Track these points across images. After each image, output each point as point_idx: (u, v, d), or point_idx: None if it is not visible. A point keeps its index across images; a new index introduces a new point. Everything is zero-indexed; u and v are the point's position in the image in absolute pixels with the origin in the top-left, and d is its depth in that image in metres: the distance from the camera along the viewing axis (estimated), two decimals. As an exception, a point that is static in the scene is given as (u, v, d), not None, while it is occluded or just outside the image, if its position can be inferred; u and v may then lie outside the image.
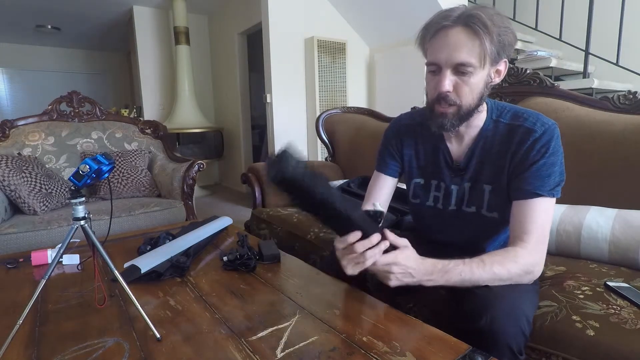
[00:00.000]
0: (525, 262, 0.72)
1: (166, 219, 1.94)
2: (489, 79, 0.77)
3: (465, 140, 0.86)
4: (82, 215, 0.70)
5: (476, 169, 0.85)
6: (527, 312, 0.69)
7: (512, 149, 0.79)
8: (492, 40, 0.71)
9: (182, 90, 4.21)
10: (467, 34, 0.71)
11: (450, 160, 0.89)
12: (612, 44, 2.43)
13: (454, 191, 0.89)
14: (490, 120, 0.83)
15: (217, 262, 1.07)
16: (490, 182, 0.83)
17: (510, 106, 0.84)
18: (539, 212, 0.75)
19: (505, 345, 0.65)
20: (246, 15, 3.89)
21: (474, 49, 0.71)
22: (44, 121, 2.24)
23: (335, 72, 3.41)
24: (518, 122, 0.80)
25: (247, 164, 4.19)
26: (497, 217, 0.84)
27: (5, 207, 1.76)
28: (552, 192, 0.76)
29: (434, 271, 0.70)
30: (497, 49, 0.72)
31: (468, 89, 0.74)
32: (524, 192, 0.76)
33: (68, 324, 0.74)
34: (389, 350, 0.62)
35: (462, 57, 0.71)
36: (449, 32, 0.72)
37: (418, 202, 0.96)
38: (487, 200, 0.84)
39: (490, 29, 0.69)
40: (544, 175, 0.75)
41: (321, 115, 2.28)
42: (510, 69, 1.42)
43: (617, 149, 1.14)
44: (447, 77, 0.74)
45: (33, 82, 6.12)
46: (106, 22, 4.98)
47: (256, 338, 0.67)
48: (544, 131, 0.76)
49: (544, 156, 0.75)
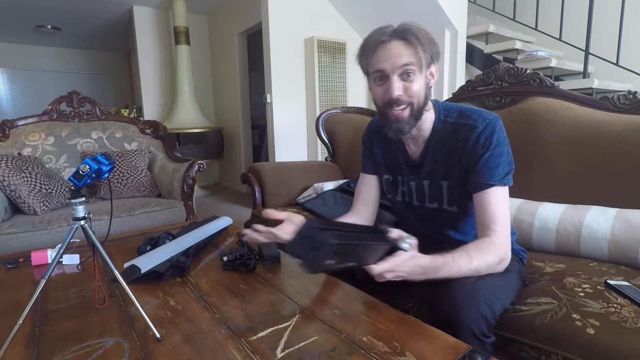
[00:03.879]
0: (499, 252, 0.77)
1: (166, 219, 1.94)
2: (427, 80, 0.84)
3: (419, 142, 0.92)
4: (82, 215, 0.70)
5: (431, 167, 0.91)
6: (488, 297, 0.73)
7: (459, 146, 0.85)
8: (424, 49, 0.80)
9: (182, 90, 4.21)
10: (404, 45, 0.80)
11: (407, 158, 0.96)
12: (612, 44, 2.43)
13: (412, 187, 0.96)
14: (438, 120, 0.89)
15: (217, 262, 1.07)
16: (445, 178, 0.90)
17: (457, 106, 0.90)
18: (496, 201, 0.81)
19: (468, 329, 0.69)
20: (246, 15, 3.89)
21: (412, 55, 0.80)
22: (44, 121, 2.24)
23: (335, 72, 3.41)
24: (462, 120, 0.86)
25: (247, 164, 4.19)
26: (457, 211, 0.91)
27: (5, 207, 1.76)
28: (502, 181, 0.81)
29: (426, 271, 0.72)
30: (429, 55, 0.81)
31: (416, 87, 0.82)
32: (478, 185, 0.82)
33: (68, 324, 0.74)
34: (389, 350, 0.62)
35: (404, 60, 0.79)
36: (388, 45, 0.80)
37: (390, 197, 1.04)
38: (447, 196, 0.91)
39: (421, 40, 0.80)
40: (492, 166, 0.81)
41: (321, 115, 2.28)
42: (510, 69, 1.42)
43: (617, 149, 1.14)
44: (395, 82, 0.81)
45: (33, 82, 6.12)
46: (106, 22, 4.98)
47: (256, 338, 0.67)
48: (486, 126, 0.82)
49: (489, 149, 0.81)
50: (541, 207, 1.16)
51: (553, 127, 1.28)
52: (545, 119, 1.30)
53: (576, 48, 2.57)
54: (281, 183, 1.93)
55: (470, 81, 1.55)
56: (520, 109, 1.37)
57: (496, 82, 1.46)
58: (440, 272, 0.73)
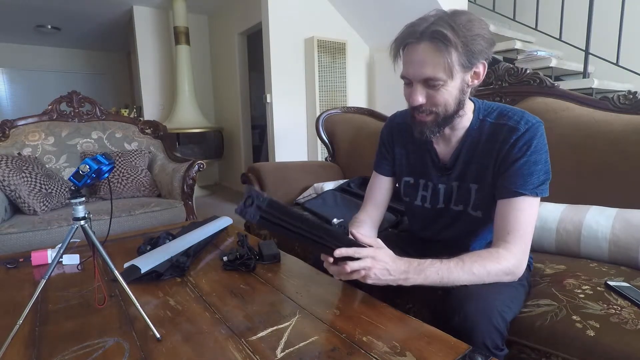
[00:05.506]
0: (506, 264, 0.73)
1: (166, 219, 1.94)
2: (464, 84, 0.77)
3: (452, 142, 0.87)
4: (82, 215, 0.70)
5: (462, 169, 0.86)
6: (502, 308, 0.70)
7: (496, 147, 0.80)
8: (457, 52, 0.71)
9: (182, 90, 4.21)
10: (432, 49, 0.71)
11: (437, 160, 0.90)
12: (612, 44, 2.42)
13: (441, 190, 0.90)
14: (477, 120, 0.84)
15: (217, 262, 1.07)
16: (476, 181, 0.84)
17: (498, 105, 0.85)
18: (521, 211, 0.75)
19: (480, 342, 0.66)
20: (246, 15, 3.89)
21: (440, 63, 0.71)
22: (44, 121, 2.24)
23: (335, 72, 3.41)
24: (503, 120, 0.80)
25: (247, 164, 4.19)
26: (481, 216, 0.86)
27: (5, 207, 1.76)
28: (535, 190, 0.75)
29: (410, 269, 0.71)
30: (467, 57, 0.72)
31: (441, 98, 0.76)
32: (506, 191, 0.77)
33: (68, 324, 0.74)
34: (389, 350, 0.62)
35: (427, 73, 0.73)
36: (415, 49, 0.73)
37: (408, 200, 0.98)
38: (474, 200, 0.85)
39: (454, 41, 0.70)
40: (526, 174, 0.75)
41: (321, 115, 2.28)
42: (510, 69, 1.42)
43: (617, 148, 1.14)
44: (418, 91, 0.76)
45: (33, 82, 6.11)
46: (106, 22, 4.98)
47: (256, 338, 0.67)
48: (527, 129, 0.76)
49: (525, 154, 0.75)
50: (541, 207, 1.16)
51: (553, 127, 1.28)
52: (545, 119, 1.28)
53: (576, 48, 2.57)
54: (281, 183, 1.93)
55: (471, 81, 1.54)
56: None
57: (496, 82, 1.46)
58: (427, 272, 0.70)
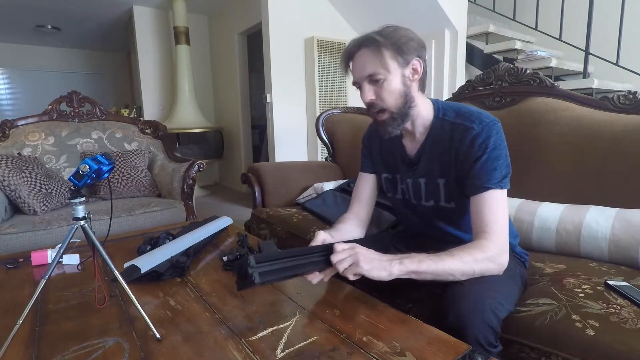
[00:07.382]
0: (489, 252, 0.76)
1: (166, 219, 1.94)
2: (405, 79, 0.84)
3: (417, 137, 0.93)
4: (82, 215, 0.70)
5: (427, 165, 0.92)
6: (495, 305, 0.71)
7: (455, 146, 0.86)
8: (388, 50, 0.82)
9: (182, 90, 4.20)
10: (368, 52, 0.83)
11: (405, 155, 0.96)
12: (612, 44, 2.42)
13: (409, 185, 0.96)
14: (437, 118, 0.90)
15: (217, 262, 1.07)
16: (442, 176, 0.90)
17: (456, 105, 0.90)
18: (492, 203, 0.80)
19: (475, 341, 0.67)
20: (246, 15, 3.89)
21: (376, 61, 0.82)
22: (44, 121, 2.24)
23: (335, 72, 3.40)
24: (459, 120, 0.86)
25: (247, 164, 4.19)
26: (455, 207, 0.91)
27: (5, 207, 1.76)
28: (500, 184, 0.81)
29: (394, 258, 0.73)
30: (399, 54, 0.82)
31: (387, 92, 0.84)
32: (475, 188, 0.82)
33: (68, 324, 0.74)
34: (389, 350, 0.62)
35: (368, 70, 0.83)
36: (356, 56, 0.86)
37: (390, 195, 1.04)
38: (444, 193, 0.91)
39: (383, 42, 0.81)
40: (489, 170, 0.81)
41: (321, 115, 2.28)
42: (510, 69, 1.42)
43: (617, 148, 1.14)
44: (366, 89, 0.85)
45: (33, 82, 6.11)
46: (106, 22, 4.98)
47: (256, 338, 0.67)
48: (482, 128, 0.82)
49: (485, 151, 0.81)
50: (541, 206, 1.16)
51: (553, 127, 1.28)
52: (545, 119, 1.30)
53: (576, 48, 2.57)
54: (281, 183, 1.93)
55: (470, 81, 1.55)
56: (520, 109, 1.37)
57: (496, 82, 1.46)
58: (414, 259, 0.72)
